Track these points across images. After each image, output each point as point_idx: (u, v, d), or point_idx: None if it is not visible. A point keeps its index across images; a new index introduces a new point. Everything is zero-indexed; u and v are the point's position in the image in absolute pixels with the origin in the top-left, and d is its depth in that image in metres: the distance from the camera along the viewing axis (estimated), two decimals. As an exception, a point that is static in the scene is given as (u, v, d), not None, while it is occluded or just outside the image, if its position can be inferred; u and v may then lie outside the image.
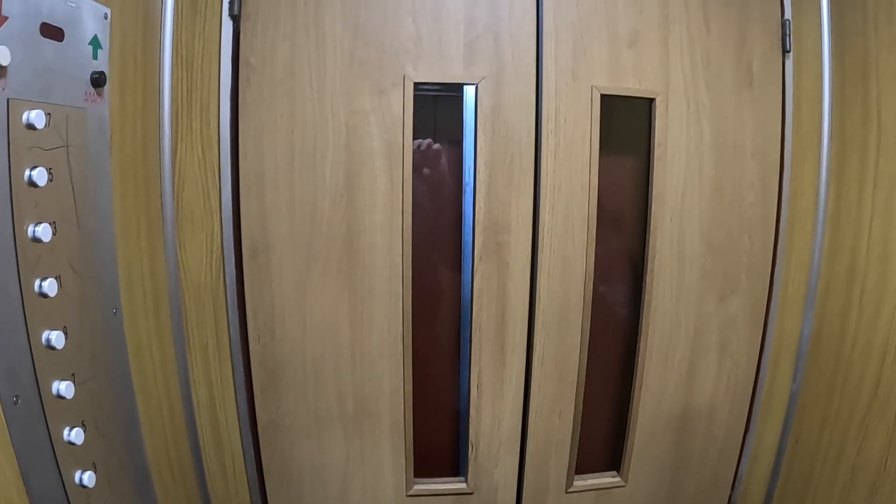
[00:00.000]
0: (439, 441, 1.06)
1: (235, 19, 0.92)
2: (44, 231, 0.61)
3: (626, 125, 1.02)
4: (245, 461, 1.03)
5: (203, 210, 0.96)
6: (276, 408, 0.99)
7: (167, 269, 0.94)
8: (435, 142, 0.97)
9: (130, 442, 0.81)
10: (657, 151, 0.98)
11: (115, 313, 0.79)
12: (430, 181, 0.97)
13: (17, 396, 0.58)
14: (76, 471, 0.67)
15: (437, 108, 1.00)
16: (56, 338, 0.63)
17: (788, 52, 1.05)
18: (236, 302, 0.97)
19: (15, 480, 0.58)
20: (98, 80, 0.73)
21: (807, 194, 1.09)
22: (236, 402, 1.00)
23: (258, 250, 0.95)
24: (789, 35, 1.04)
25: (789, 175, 1.07)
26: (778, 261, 1.09)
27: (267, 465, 1.02)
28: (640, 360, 1.02)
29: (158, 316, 0.92)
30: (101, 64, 0.74)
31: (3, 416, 0.57)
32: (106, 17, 0.75)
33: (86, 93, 0.71)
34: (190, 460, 1.01)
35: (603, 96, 0.95)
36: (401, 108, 0.92)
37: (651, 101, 0.98)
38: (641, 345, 1.01)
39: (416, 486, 1.03)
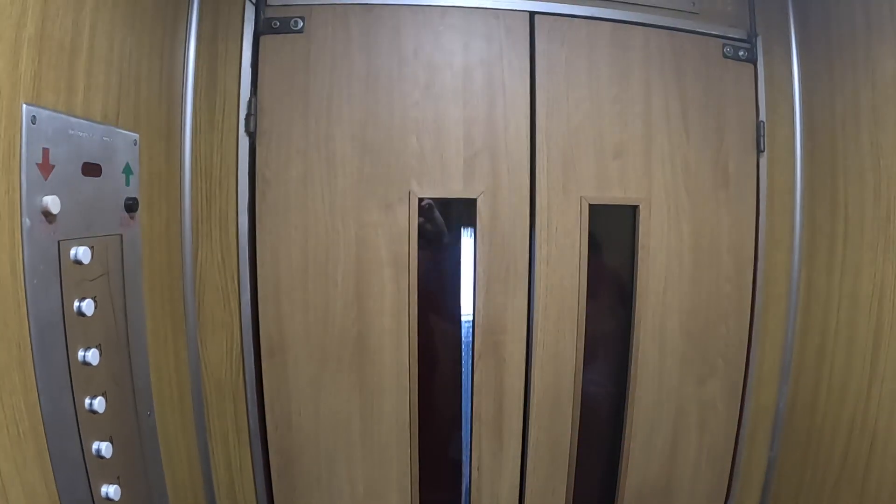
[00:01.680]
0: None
1: (251, 136, 1.00)
2: (93, 356, 0.68)
3: (613, 229, 1.11)
4: (263, 539, 1.11)
5: (223, 312, 1.04)
6: (292, 491, 1.08)
7: (189, 365, 1.02)
8: (437, 246, 1.06)
9: None
10: (641, 253, 1.07)
11: (149, 415, 0.86)
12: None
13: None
14: None
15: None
16: (105, 448, 0.70)
17: (762, 151, 1.14)
18: (255, 395, 1.05)
19: None
20: (132, 206, 0.80)
21: (779, 281, 1.18)
22: (255, 485, 1.08)
23: (275, 350, 1.03)
24: (763, 136, 1.13)
25: (763, 265, 1.16)
26: (753, 343, 1.18)
27: (284, 541, 1.11)
28: (625, 439, 1.11)
29: (183, 409, 1.00)
30: (133, 189, 0.81)
31: None
32: (135, 144, 0.82)
33: (121, 218, 0.78)
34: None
35: (591, 206, 1.04)
36: (406, 221, 1.00)
37: (635, 207, 1.06)
38: (627, 425, 1.10)
39: (422, 558, 1.13)
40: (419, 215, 1.00)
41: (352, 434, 1.05)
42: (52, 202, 0.62)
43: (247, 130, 1.00)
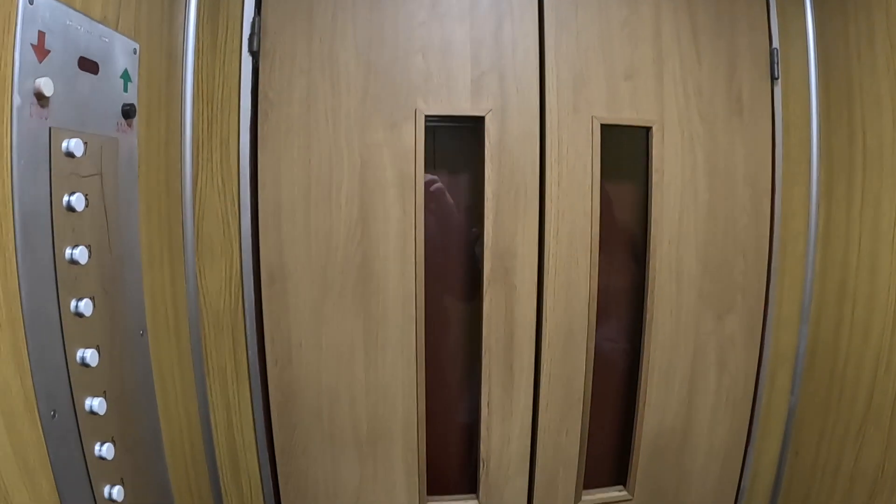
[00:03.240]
0: (451, 460, 1.09)
1: (254, 56, 0.97)
2: (81, 254, 0.64)
3: (625, 154, 1.07)
4: (262, 483, 1.05)
5: (223, 239, 1.00)
6: (293, 430, 1.02)
7: (187, 295, 0.97)
8: (448, 171, 1.02)
9: (155, 461, 0.84)
10: (655, 178, 1.03)
11: (141, 334, 0.82)
12: (437, 214, 1.02)
13: (54, 411, 0.61)
14: (106, 485, 0.70)
15: (447, 141, 1.05)
16: (90, 356, 0.66)
17: (777, 79, 1.11)
18: (254, 328, 1.00)
19: (50, 492, 0.61)
20: (129, 112, 0.77)
21: (798, 216, 1.14)
22: (254, 424, 1.03)
23: (275, 278, 0.99)
24: (777, 63, 1.11)
25: (780, 197, 1.12)
26: (772, 280, 1.13)
27: (283, 486, 1.05)
28: (642, 378, 1.06)
29: (179, 340, 0.95)
30: (131, 96, 0.78)
31: (41, 430, 0.59)
32: (135, 52, 0.80)
33: (117, 123, 0.75)
34: (207, 482, 1.04)
35: (603, 126, 1.01)
36: (412, 140, 0.97)
37: (648, 129, 1.03)
38: (644, 363, 1.05)
39: (429, 504, 1.07)
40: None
41: (355, 367, 1.00)
42: (45, 84, 0.59)
43: (250, 50, 0.97)
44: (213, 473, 1.03)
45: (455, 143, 1.06)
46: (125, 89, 0.77)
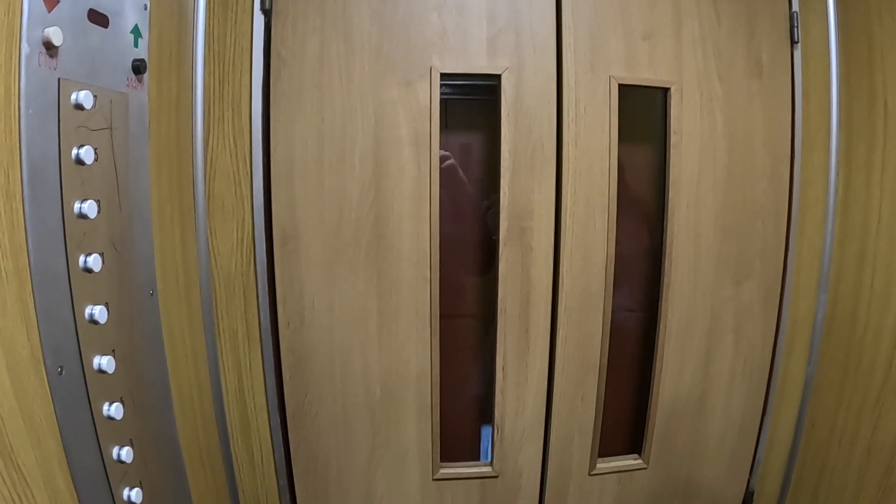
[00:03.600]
0: (464, 426, 1.07)
1: (267, 14, 0.96)
2: (90, 207, 0.63)
3: (642, 116, 1.05)
4: (273, 447, 1.04)
5: (234, 199, 0.98)
6: (304, 394, 1.01)
7: (198, 256, 0.96)
8: (459, 145, 1.01)
9: (165, 423, 0.82)
10: (673, 139, 1.01)
11: (151, 294, 0.81)
12: (449, 190, 1.00)
13: (61, 367, 0.60)
14: (115, 446, 0.68)
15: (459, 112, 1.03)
16: (99, 312, 0.64)
17: (796, 43, 1.09)
18: (266, 289, 0.99)
19: (56, 451, 0.59)
20: (139, 67, 0.75)
21: (817, 182, 1.12)
22: (265, 388, 1.02)
23: (288, 238, 0.97)
24: (797, 27, 1.08)
25: (800, 163, 1.10)
26: (790, 246, 1.11)
27: (294, 451, 1.04)
28: (659, 343, 1.04)
29: (190, 302, 0.94)
30: (142, 52, 0.77)
31: (48, 387, 0.58)
32: (146, 8, 0.78)
33: (127, 79, 0.74)
34: (218, 446, 1.03)
35: (620, 86, 0.99)
36: (427, 98, 0.95)
37: (666, 90, 1.01)
38: (660, 328, 1.04)
39: (442, 471, 1.05)
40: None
41: (368, 329, 0.98)
42: (55, 33, 0.58)
43: (262, 8, 0.96)
44: (223, 437, 1.02)
45: (466, 114, 1.05)
46: (135, 45, 0.76)
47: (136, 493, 0.71)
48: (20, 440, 0.54)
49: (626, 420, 1.11)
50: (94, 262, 0.64)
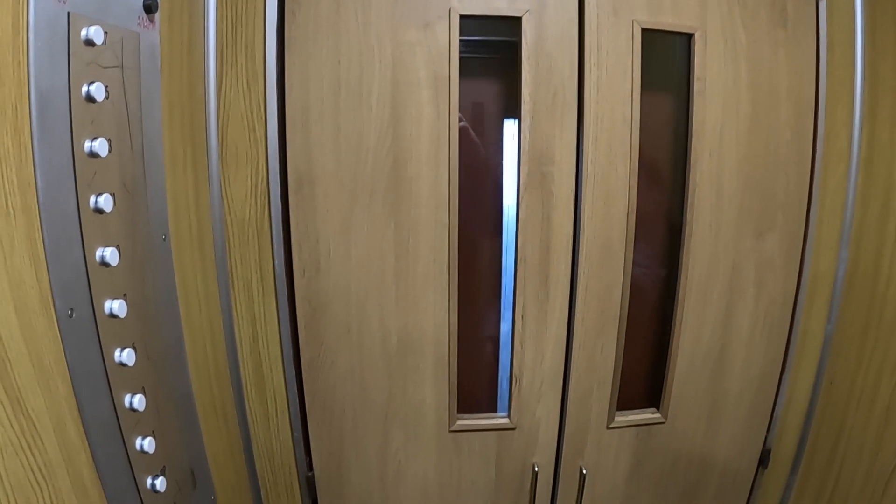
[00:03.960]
0: (482, 377, 1.06)
1: (280, -45, 0.93)
2: (101, 146, 0.61)
3: (665, 63, 1.03)
4: (287, 399, 1.03)
5: (248, 144, 0.96)
6: (320, 344, 0.99)
7: (211, 204, 0.94)
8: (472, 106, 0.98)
9: (178, 373, 0.81)
10: (697, 86, 0.99)
11: (164, 239, 0.79)
12: (462, 152, 0.97)
13: (71, 310, 0.58)
14: (127, 393, 0.67)
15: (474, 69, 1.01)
16: (110, 255, 0.62)
17: (821, -6, 1.06)
18: (281, 236, 0.97)
19: (67, 396, 0.58)
20: (150, 7, 0.73)
21: (840, 136, 1.10)
22: (280, 338, 1.00)
23: (303, 183, 0.95)
24: (822, -23, 1.06)
25: (823, 116, 1.08)
26: (813, 200, 1.10)
27: (309, 403, 1.02)
28: (679, 296, 1.03)
29: (203, 249, 0.92)
30: None
31: (57, 329, 0.56)
32: None
33: (139, 17, 0.71)
34: (232, 398, 1.01)
35: (643, 30, 0.96)
36: (447, 39, 0.93)
37: (690, 36, 0.99)
38: (681, 280, 1.02)
39: (459, 422, 1.04)
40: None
41: (385, 276, 0.97)
42: None
43: (275, -51, 0.93)
44: (237, 389, 1.01)
45: (483, 68, 1.02)
46: (145, -15, 0.73)
47: (148, 443, 0.69)
48: (29, 384, 0.52)
49: (644, 374, 1.09)
50: (105, 202, 0.62)
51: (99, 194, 0.62)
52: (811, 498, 1.20)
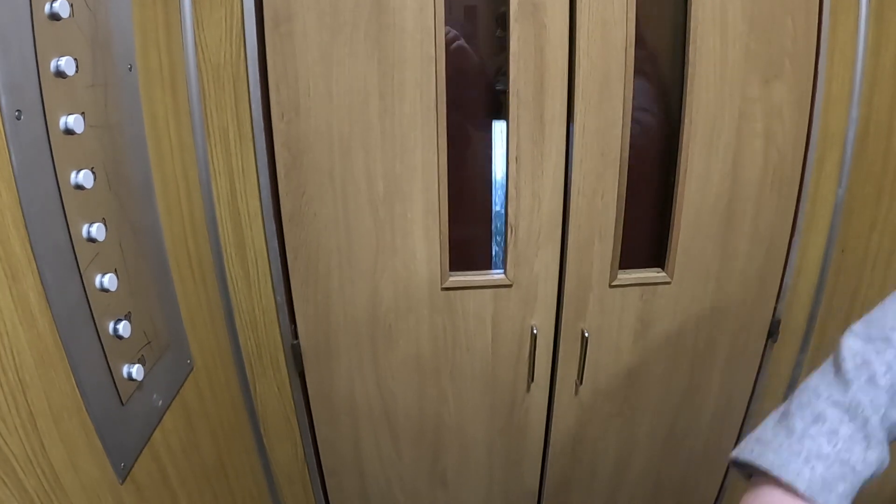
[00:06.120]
0: (476, 229, 1.00)
1: None
2: None
3: None
4: (269, 259, 0.97)
5: (221, -19, 0.90)
6: (301, 194, 0.93)
7: (184, 49, 0.88)
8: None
9: (146, 214, 0.74)
10: (698, -87, 0.93)
11: (129, 69, 0.73)
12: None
13: (19, 111, 0.51)
14: (84, 221, 0.60)
15: None
16: (66, 63, 0.56)
17: None
18: (258, 78, 0.91)
19: (12, 206, 0.50)
20: None
21: (848, -14, 1.05)
22: (259, 191, 0.94)
23: (280, 19, 0.89)
24: None
25: (830, -40, 1.02)
26: (821, 51, 1.03)
27: (292, 261, 0.96)
28: (683, 140, 0.97)
29: (176, 94, 0.86)
30: None
31: (3, 132, 0.49)
32: None
33: None
34: (211, 261, 0.95)
35: None
36: None
37: None
38: (685, 124, 0.96)
39: (452, 279, 0.98)
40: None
41: (369, 116, 0.91)
42: None
43: None
44: (216, 249, 0.95)
45: None
46: None
47: (108, 279, 0.62)
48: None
49: (648, 230, 1.03)
50: (62, 6, 0.55)
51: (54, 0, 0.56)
52: (824, 374, 1.15)
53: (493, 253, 1.00)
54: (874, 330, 0.51)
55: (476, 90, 0.95)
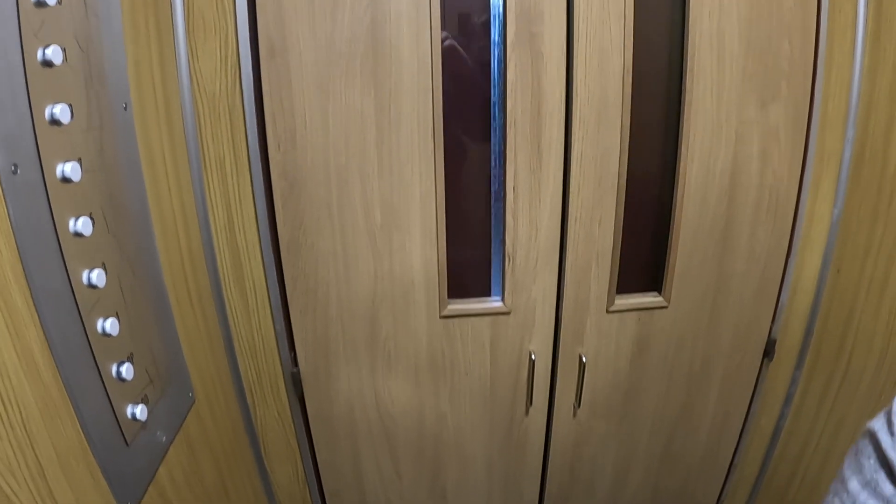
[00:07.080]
0: (474, 256, 1.00)
1: None
2: None
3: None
4: (268, 288, 0.97)
5: (216, 13, 0.89)
6: (299, 224, 0.93)
7: (179, 79, 0.87)
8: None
9: (145, 254, 0.74)
10: (694, -61, 0.93)
11: (125, 108, 0.72)
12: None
13: (15, 165, 0.50)
14: (83, 267, 0.60)
15: None
16: (61, 111, 0.55)
17: None
18: (254, 108, 0.90)
19: (12, 261, 0.50)
20: None
21: (846, 9, 1.04)
22: (256, 221, 0.94)
23: (276, 51, 0.89)
24: None
25: (827, -18, 1.02)
26: (818, 73, 1.04)
27: (290, 290, 0.97)
28: (681, 165, 0.97)
29: (171, 127, 0.86)
30: None
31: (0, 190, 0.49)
32: None
33: None
34: (209, 291, 0.95)
35: None
36: None
37: None
38: (682, 148, 0.96)
39: (450, 307, 0.98)
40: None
41: (366, 147, 0.90)
42: None
43: None
44: (214, 280, 0.95)
45: None
46: None
47: (110, 324, 0.62)
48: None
49: (645, 254, 1.04)
50: (54, 53, 0.55)
51: (46, 46, 0.55)
52: (818, 392, 1.16)
53: (492, 279, 1.01)
54: None
55: (474, 120, 0.94)
